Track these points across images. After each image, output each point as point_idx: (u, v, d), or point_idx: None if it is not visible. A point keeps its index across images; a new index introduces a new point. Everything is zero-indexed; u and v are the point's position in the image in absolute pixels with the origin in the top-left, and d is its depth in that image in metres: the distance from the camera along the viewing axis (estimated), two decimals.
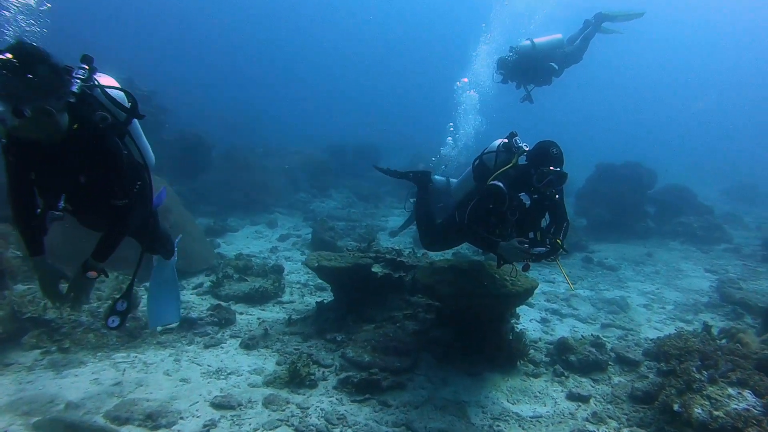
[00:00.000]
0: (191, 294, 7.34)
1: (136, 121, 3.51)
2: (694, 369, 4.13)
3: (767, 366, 4.30)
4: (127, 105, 3.29)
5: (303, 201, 15.52)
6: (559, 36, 8.56)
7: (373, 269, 6.17)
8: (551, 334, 6.79)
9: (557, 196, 4.54)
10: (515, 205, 4.39)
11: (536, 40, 8.33)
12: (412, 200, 7.55)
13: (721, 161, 34.84)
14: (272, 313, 6.85)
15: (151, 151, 3.83)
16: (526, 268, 4.64)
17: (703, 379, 4.03)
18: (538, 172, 4.24)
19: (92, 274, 3.20)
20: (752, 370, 4.14)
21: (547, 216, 4.74)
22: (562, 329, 7.06)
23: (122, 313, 3.50)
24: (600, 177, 15.02)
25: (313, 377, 4.92)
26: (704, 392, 3.90)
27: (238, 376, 5.02)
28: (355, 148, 21.02)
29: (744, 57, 58.78)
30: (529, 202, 4.38)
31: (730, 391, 3.91)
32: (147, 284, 6.94)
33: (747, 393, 3.90)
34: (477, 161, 5.08)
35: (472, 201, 4.70)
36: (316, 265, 5.96)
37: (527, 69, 8.39)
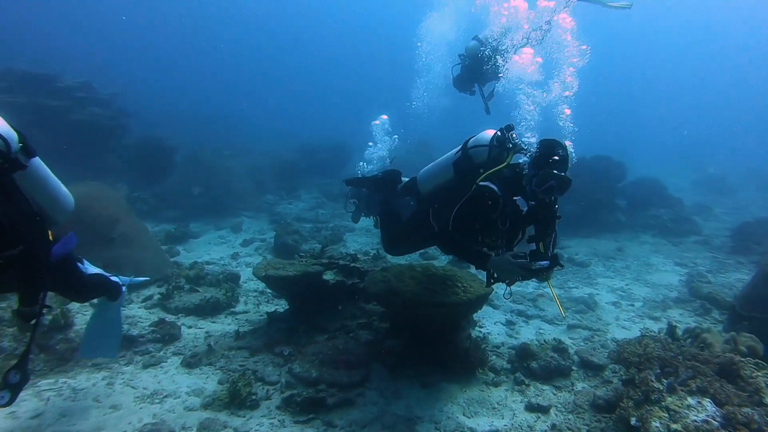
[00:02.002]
0: (139, 308, 6.93)
1: (37, 162, 3.12)
2: (653, 378, 3.89)
3: (729, 370, 4.09)
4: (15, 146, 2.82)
5: (270, 203, 15.11)
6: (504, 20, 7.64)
7: (324, 277, 5.85)
8: (516, 338, 6.54)
9: (556, 206, 3.95)
10: (508, 212, 3.81)
11: (482, 35, 7.52)
12: (352, 201, 7.26)
13: (691, 152, 35.13)
14: (223, 325, 6.47)
15: (63, 196, 3.41)
16: (511, 283, 3.98)
17: (662, 388, 3.80)
18: (539, 176, 3.65)
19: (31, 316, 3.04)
20: (713, 377, 3.92)
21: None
22: (527, 332, 6.82)
23: (14, 386, 3.10)
24: (570, 171, 14.84)
25: (254, 397, 4.59)
26: (663, 403, 3.66)
27: (175, 398, 4.65)
28: (327, 148, 20.63)
29: (716, 51, 59.65)
30: (525, 209, 3.82)
31: (690, 400, 3.68)
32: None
33: (707, 402, 3.68)
34: (459, 153, 4.31)
35: (456, 204, 3.98)
36: (263, 274, 5.63)
37: (486, 70, 7.54)
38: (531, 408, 4.74)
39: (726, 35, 56.39)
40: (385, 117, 9.46)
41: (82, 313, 6.04)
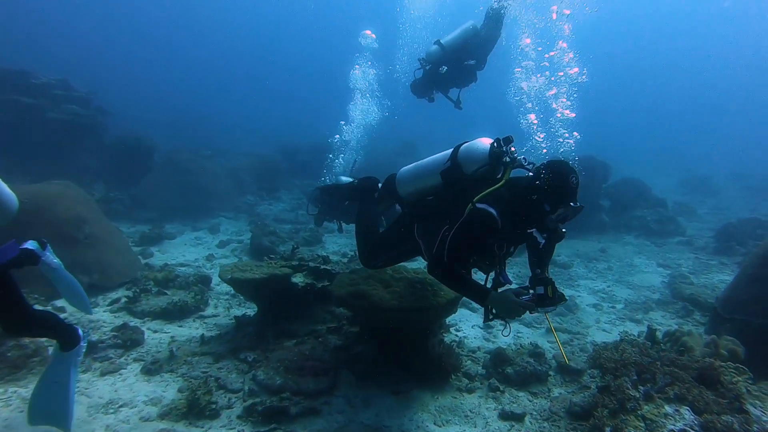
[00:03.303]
0: (104, 311, 6.65)
1: None
2: (629, 385, 3.72)
3: (708, 376, 3.92)
4: None
5: (250, 204, 14.85)
6: (468, 24, 7.33)
7: (293, 279, 5.62)
8: (493, 342, 6.35)
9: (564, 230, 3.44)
10: (505, 238, 3.44)
11: (445, 41, 7.23)
12: (316, 204, 7.05)
13: (676, 152, 35.32)
14: (190, 329, 6.22)
15: (3, 196, 3.01)
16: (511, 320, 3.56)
17: (638, 396, 3.62)
18: (558, 213, 3.24)
19: None
20: (691, 383, 3.75)
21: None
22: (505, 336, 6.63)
23: None
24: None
25: (214, 406, 4.34)
26: (639, 412, 3.49)
27: (131, 408, 4.40)
28: (309, 148, 20.36)
29: (703, 50, 60.13)
30: (543, 242, 3.46)
31: (667, 408, 3.51)
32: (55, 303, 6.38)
33: (685, 410, 3.51)
34: (449, 163, 3.84)
35: (444, 220, 3.59)
36: (229, 277, 5.39)
37: (445, 77, 7.29)
38: (505, 416, 4.54)
39: (713, 35, 56.84)
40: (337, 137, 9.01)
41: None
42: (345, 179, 6.83)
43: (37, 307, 3.71)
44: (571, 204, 3.25)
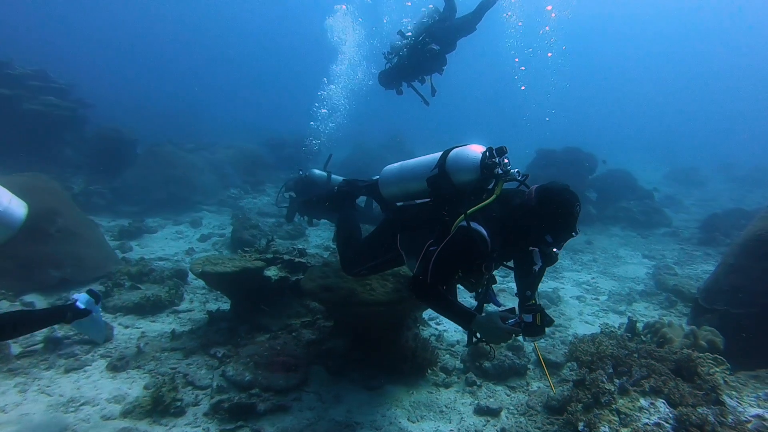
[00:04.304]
0: None
1: None
2: (604, 378, 3.61)
3: (686, 368, 3.83)
4: None
5: (234, 197, 14.63)
6: (429, 8, 7.03)
7: (266, 273, 5.47)
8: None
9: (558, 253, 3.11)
10: (494, 259, 3.15)
11: (405, 30, 6.95)
12: (288, 195, 6.86)
13: (665, 145, 35.38)
14: (163, 325, 6.05)
15: None
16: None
17: (613, 389, 3.52)
18: (558, 241, 2.96)
19: None
20: (668, 375, 3.65)
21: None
22: None
23: None
24: (540, 163, 14.66)
25: (179, 403, 4.20)
26: (613, 406, 3.39)
27: (93, 406, 4.25)
28: (294, 142, 20.09)
29: (691, 44, 60.32)
30: (540, 266, 3.13)
31: (642, 402, 3.41)
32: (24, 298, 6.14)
33: (660, 403, 3.41)
34: (436, 170, 3.52)
35: (429, 232, 3.38)
36: (200, 271, 5.22)
37: (412, 65, 6.99)
38: (480, 411, 4.43)
39: (703, 28, 57.03)
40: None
41: None
42: (318, 172, 6.68)
43: (4, 303, 3.52)
44: (573, 234, 2.99)
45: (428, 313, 6.35)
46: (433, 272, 3.08)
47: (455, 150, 3.54)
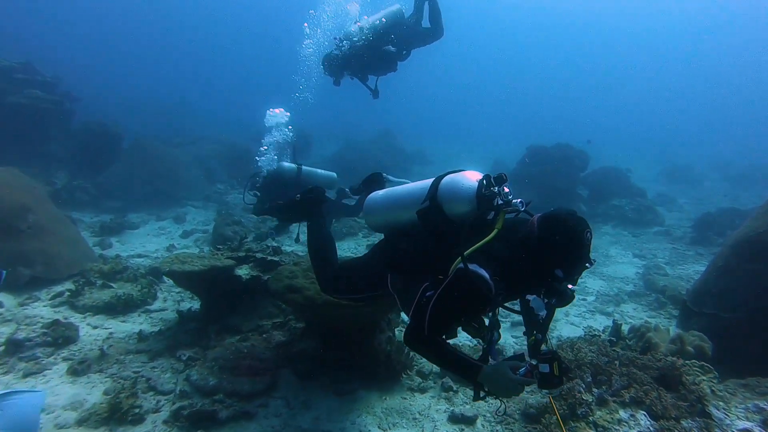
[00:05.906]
0: (44, 306, 6.24)
1: None
2: (581, 388, 3.41)
3: (670, 376, 3.63)
4: None
5: (220, 193, 14.39)
6: (395, 8, 6.49)
7: (237, 272, 5.26)
8: (455, 338, 6.02)
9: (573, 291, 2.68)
10: (498, 302, 2.76)
11: (365, 22, 6.47)
12: (252, 193, 6.57)
13: (659, 142, 35.20)
14: (133, 325, 5.83)
15: None
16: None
17: (591, 400, 3.32)
18: (571, 275, 2.57)
19: None
20: (650, 385, 3.45)
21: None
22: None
23: None
24: (531, 160, 14.46)
25: (138, 410, 3.99)
26: (590, 418, 3.19)
27: (48, 413, 4.02)
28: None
29: (687, 40, 60.20)
30: (543, 313, 2.66)
31: (622, 414, 3.22)
32: None
33: (641, 415, 3.21)
34: (428, 201, 3.08)
35: (422, 271, 2.98)
36: (168, 269, 5.01)
37: (362, 60, 6.57)
38: (455, 419, 4.23)
39: (697, 26, 56.87)
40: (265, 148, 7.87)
41: None
42: (288, 166, 6.43)
43: None
44: (587, 265, 2.61)
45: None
46: (431, 323, 2.69)
47: (447, 178, 3.12)
